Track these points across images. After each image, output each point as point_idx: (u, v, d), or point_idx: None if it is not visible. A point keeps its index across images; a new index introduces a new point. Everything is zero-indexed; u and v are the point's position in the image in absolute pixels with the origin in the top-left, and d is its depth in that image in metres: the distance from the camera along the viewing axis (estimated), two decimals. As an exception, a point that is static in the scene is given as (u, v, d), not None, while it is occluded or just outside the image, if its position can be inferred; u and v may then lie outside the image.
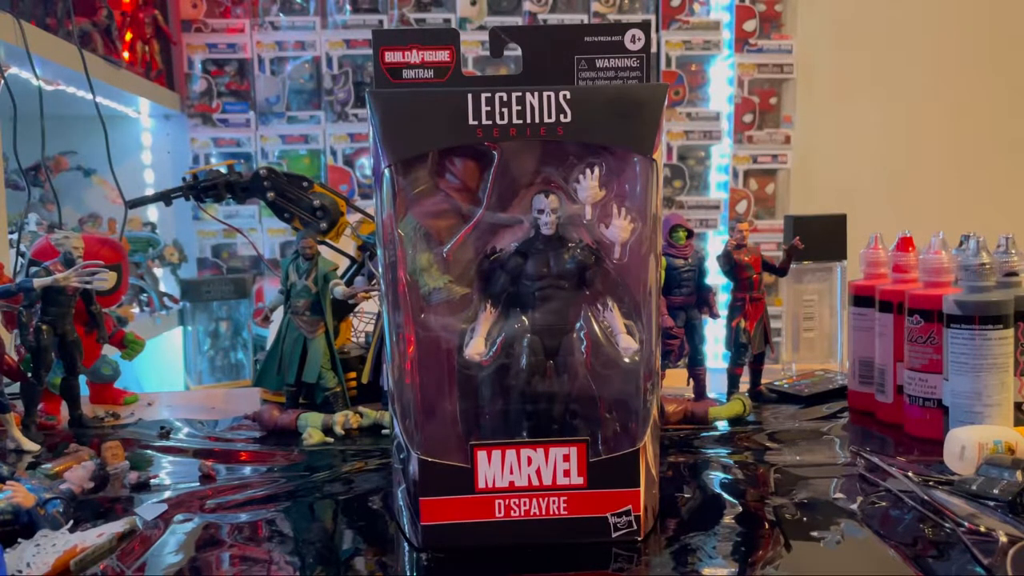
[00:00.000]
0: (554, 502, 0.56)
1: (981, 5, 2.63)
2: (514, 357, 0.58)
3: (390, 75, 0.58)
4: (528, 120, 0.55)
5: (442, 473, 0.56)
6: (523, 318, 0.59)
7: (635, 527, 0.56)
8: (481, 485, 0.56)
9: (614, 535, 0.56)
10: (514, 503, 0.56)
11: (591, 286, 0.59)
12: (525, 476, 0.56)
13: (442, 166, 0.59)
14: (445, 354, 0.59)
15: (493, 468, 0.56)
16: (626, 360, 0.58)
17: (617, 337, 0.58)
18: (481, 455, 0.56)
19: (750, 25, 2.51)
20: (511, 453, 0.56)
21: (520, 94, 0.54)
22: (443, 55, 0.58)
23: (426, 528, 0.56)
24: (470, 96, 0.55)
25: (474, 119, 0.55)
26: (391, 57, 0.57)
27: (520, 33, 0.62)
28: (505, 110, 0.54)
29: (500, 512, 0.56)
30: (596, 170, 0.58)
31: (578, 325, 0.59)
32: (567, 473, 0.56)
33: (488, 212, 0.59)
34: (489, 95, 0.54)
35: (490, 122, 0.55)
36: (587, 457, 0.56)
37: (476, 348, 0.58)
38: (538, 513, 0.56)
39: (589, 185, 0.58)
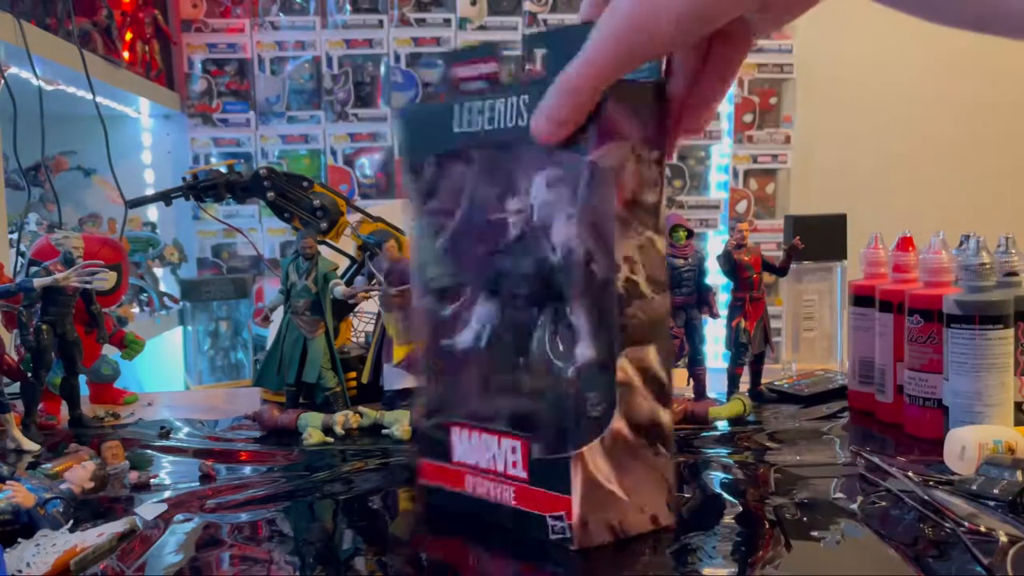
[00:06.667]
0: (506, 490, 0.57)
1: (981, 5, 2.62)
2: (483, 349, 0.58)
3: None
4: (521, 122, 0.54)
5: (432, 439, 0.61)
6: (495, 314, 0.59)
7: (569, 535, 0.55)
8: (456, 458, 0.60)
9: (551, 536, 0.55)
10: (479, 482, 0.59)
11: (563, 287, 0.58)
12: (486, 459, 0.58)
13: (438, 170, 0.60)
14: (434, 339, 0.62)
15: (463, 445, 0.60)
16: (575, 365, 0.55)
17: (579, 342, 0.56)
18: (454, 430, 0.60)
19: (750, 25, 2.50)
20: (475, 434, 0.59)
21: (503, 99, 0.54)
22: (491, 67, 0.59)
23: (421, 487, 0.63)
24: (455, 106, 0.57)
25: (458, 127, 0.57)
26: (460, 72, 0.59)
27: (550, 37, 0.61)
28: (490, 115, 0.55)
29: (470, 487, 0.60)
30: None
31: (545, 325, 0.57)
32: (515, 465, 0.57)
33: (472, 213, 0.59)
34: (475, 103, 0.56)
35: (476, 128, 0.56)
36: (529, 454, 0.56)
37: (456, 338, 0.60)
38: (496, 498, 0.58)
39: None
